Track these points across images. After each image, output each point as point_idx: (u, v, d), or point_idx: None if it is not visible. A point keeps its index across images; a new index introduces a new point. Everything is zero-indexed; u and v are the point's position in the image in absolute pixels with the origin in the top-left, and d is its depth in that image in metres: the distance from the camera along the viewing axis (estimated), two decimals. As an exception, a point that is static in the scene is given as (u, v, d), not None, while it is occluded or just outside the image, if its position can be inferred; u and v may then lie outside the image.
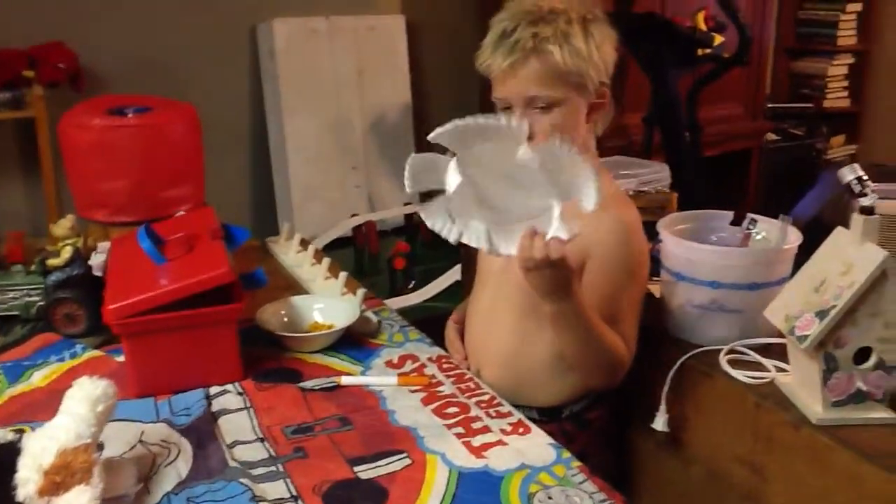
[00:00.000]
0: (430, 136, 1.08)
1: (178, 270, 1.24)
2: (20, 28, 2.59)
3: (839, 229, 1.17)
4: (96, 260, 1.46)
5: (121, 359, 1.27)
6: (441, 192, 1.14)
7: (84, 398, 0.95)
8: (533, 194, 1.09)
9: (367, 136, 3.14)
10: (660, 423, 1.32)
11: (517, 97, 1.25)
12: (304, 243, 1.87)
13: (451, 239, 1.15)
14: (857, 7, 4.23)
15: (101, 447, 1.04)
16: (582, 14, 1.24)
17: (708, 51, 2.82)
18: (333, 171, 3.09)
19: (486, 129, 1.07)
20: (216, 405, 1.19)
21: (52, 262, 1.38)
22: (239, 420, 1.15)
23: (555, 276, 1.11)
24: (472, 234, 1.14)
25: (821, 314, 1.08)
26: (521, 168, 1.07)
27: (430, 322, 1.66)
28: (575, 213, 1.07)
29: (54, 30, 2.61)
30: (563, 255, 1.08)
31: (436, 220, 1.15)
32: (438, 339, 1.50)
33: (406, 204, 3.15)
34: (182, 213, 1.56)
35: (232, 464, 1.04)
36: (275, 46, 2.93)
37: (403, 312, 1.70)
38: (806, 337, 1.08)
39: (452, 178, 1.12)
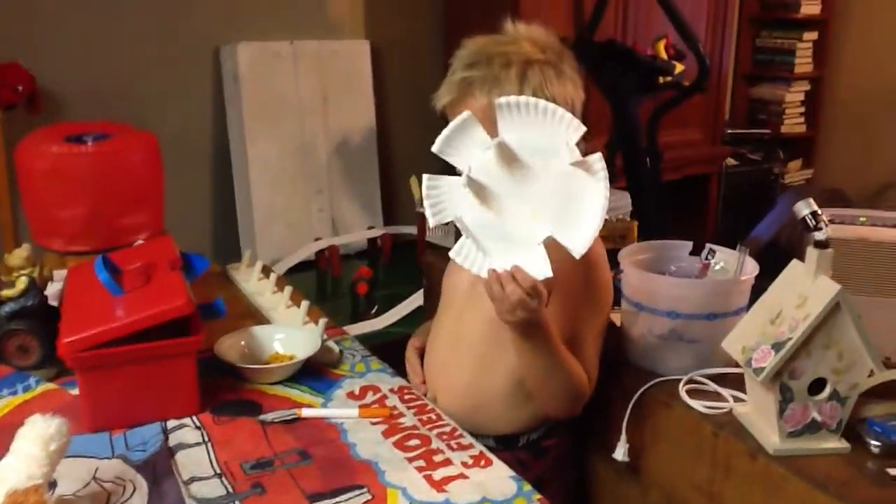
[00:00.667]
0: (499, 100, 1.08)
1: (135, 302, 1.23)
2: (-24, 49, 2.55)
3: (795, 262, 1.19)
4: (52, 289, 1.44)
5: (75, 392, 1.25)
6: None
7: (36, 437, 0.93)
8: (538, 215, 1.10)
9: (330, 159, 3.14)
10: (620, 453, 1.32)
11: None
12: (266, 270, 1.85)
13: (433, 221, 1.15)
14: (813, 36, 4.34)
15: (53, 485, 1.02)
16: (527, 57, 1.23)
17: (669, 78, 2.87)
18: (297, 194, 3.08)
19: (545, 113, 1.07)
20: (173, 439, 1.17)
21: (5, 292, 1.34)
22: (196, 455, 1.13)
23: (530, 318, 1.13)
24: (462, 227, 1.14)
25: (777, 346, 1.10)
26: (546, 171, 1.08)
27: (393, 347, 1.65)
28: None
29: (11, 50, 2.57)
30: (540, 294, 1.10)
31: (433, 194, 1.15)
32: (400, 365, 1.50)
33: (369, 228, 3.15)
34: (140, 241, 1.54)
35: (189, 501, 1.03)
36: (238, 70, 2.92)
37: (366, 338, 1.70)
38: (762, 369, 1.10)
39: (484, 156, 1.11)
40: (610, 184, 1.07)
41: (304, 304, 1.60)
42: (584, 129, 1.05)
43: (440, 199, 1.15)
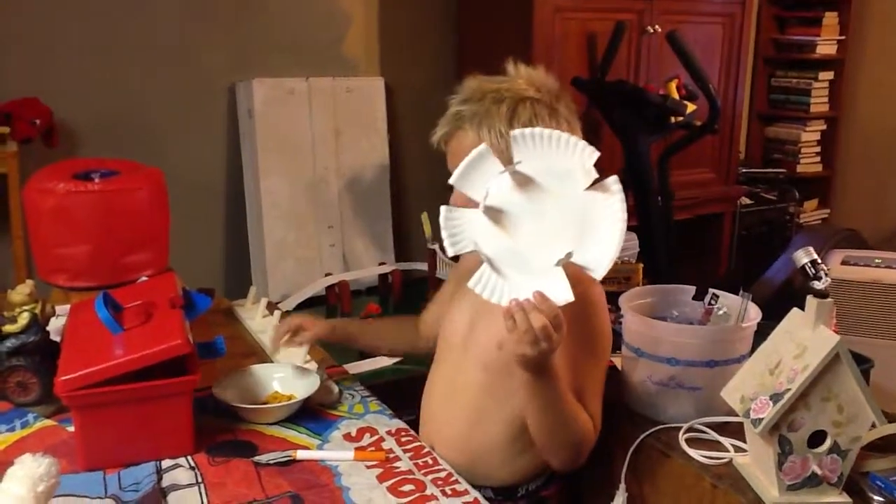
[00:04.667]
0: (514, 132, 1.10)
1: (133, 340, 1.23)
2: (-4, 83, 2.60)
3: (794, 311, 1.18)
4: (55, 324, 1.44)
5: (73, 429, 1.25)
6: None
7: (25, 477, 0.93)
8: (557, 241, 1.09)
9: (342, 195, 3.16)
10: (619, 502, 1.30)
11: (452, 168, 1.28)
12: (271, 307, 1.86)
13: (451, 250, 1.15)
14: (829, 75, 4.33)
15: (42, 526, 1.01)
16: (520, 95, 1.23)
17: (680, 118, 2.87)
18: (308, 229, 3.10)
19: (559, 142, 1.09)
20: (167, 480, 1.17)
21: (7, 328, 1.35)
22: (189, 497, 1.13)
23: (549, 351, 1.09)
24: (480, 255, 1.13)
25: (775, 397, 1.08)
26: (562, 196, 1.09)
27: (397, 385, 1.65)
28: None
29: (30, 85, 2.62)
30: (561, 325, 1.08)
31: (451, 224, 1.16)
32: (405, 403, 1.48)
33: (380, 264, 3.15)
34: (145, 278, 1.55)
35: (177, 544, 1.02)
36: (253, 106, 2.95)
37: (371, 375, 1.69)
38: (760, 420, 1.08)
39: (500, 185, 1.12)
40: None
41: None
42: (598, 153, 1.06)
43: (458, 230, 1.15)
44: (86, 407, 1.18)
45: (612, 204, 1.06)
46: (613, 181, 1.07)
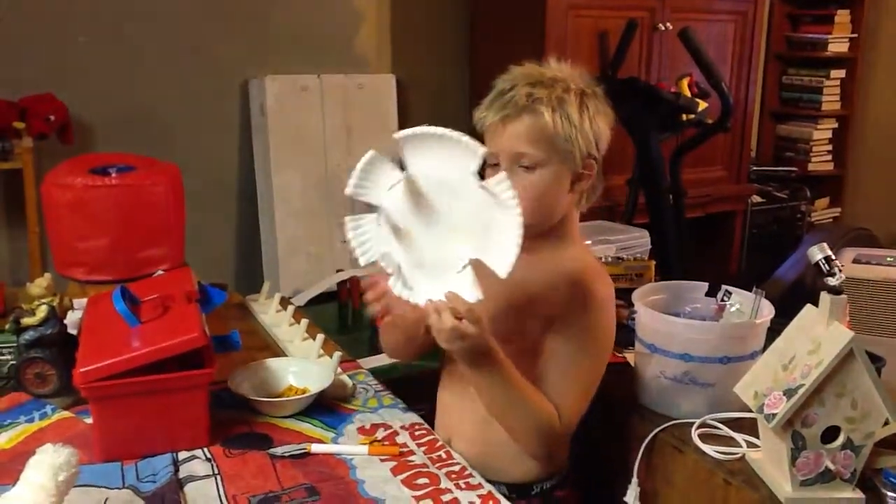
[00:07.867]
0: (397, 135, 1.12)
1: (151, 333, 1.24)
2: (11, 79, 2.62)
3: (808, 307, 1.18)
4: (73, 317, 1.46)
5: (90, 420, 1.26)
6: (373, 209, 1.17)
7: (46, 467, 0.95)
8: (455, 237, 1.11)
9: (354, 191, 3.17)
10: (631, 496, 1.31)
11: (505, 152, 1.27)
12: (284, 302, 1.87)
13: (362, 260, 1.18)
14: (841, 73, 4.32)
15: (62, 515, 1.03)
16: (581, 87, 1.27)
17: (692, 116, 2.87)
18: (319, 225, 3.11)
19: (445, 140, 1.09)
20: (183, 471, 1.18)
21: (26, 320, 1.37)
22: (205, 488, 1.14)
23: (472, 345, 1.14)
24: (389, 263, 1.15)
25: (789, 392, 1.09)
26: (458, 196, 1.09)
27: (410, 380, 1.65)
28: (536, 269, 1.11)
29: (45, 81, 2.64)
30: (477, 320, 1.11)
31: (358, 234, 1.18)
32: (418, 397, 1.48)
33: (391, 260, 3.16)
34: (161, 272, 1.57)
35: (195, 535, 1.03)
36: (266, 102, 2.97)
37: (383, 370, 1.70)
38: (774, 415, 1.09)
39: (395, 193, 1.14)
40: (632, 220, 1.08)
41: (320, 337, 1.61)
42: (483, 149, 1.07)
43: (365, 238, 1.17)
44: (103, 398, 1.19)
45: (509, 214, 1.05)
46: (499, 184, 1.06)
